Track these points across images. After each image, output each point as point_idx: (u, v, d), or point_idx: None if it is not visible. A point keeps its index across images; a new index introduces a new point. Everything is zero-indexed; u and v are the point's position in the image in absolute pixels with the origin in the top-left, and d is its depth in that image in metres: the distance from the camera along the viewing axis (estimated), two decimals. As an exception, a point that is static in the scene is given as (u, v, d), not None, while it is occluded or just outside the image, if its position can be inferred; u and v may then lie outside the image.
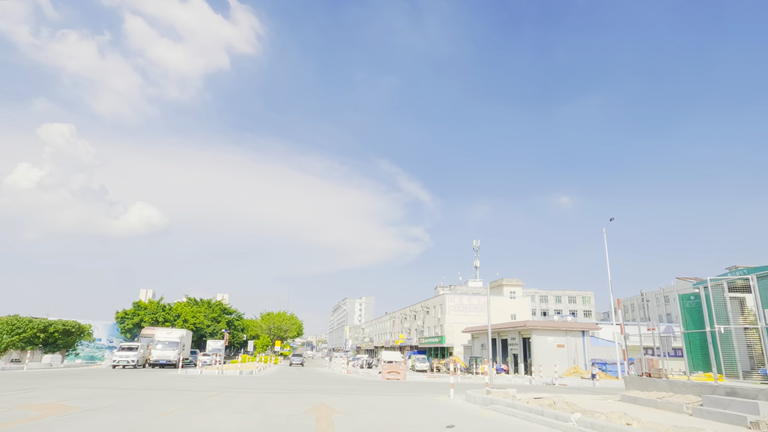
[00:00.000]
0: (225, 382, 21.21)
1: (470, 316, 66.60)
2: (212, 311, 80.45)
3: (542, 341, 47.45)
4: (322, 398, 14.03)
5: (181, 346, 36.58)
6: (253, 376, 27.90)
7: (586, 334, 48.66)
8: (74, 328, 46.49)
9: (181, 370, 29.91)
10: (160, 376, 25.28)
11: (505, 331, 52.40)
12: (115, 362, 34.31)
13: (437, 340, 67.84)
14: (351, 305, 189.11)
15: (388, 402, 13.45)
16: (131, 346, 35.42)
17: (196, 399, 12.93)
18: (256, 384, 19.99)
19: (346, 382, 23.64)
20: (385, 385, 22.83)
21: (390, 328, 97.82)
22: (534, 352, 46.59)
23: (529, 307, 68.14)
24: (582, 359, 48.00)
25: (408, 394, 16.77)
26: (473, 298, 68.03)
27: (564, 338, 48.07)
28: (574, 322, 51.20)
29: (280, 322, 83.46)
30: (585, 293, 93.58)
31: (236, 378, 24.56)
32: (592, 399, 16.24)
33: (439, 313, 69.37)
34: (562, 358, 47.40)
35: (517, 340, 50.25)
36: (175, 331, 37.95)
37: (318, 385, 21.16)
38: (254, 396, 14.10)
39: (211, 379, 22.86)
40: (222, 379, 23.59)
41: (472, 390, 15.44)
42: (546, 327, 48.13)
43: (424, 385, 24.70)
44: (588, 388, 28.85)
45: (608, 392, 22.26)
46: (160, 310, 63.67)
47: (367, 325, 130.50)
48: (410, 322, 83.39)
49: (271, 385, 19.91)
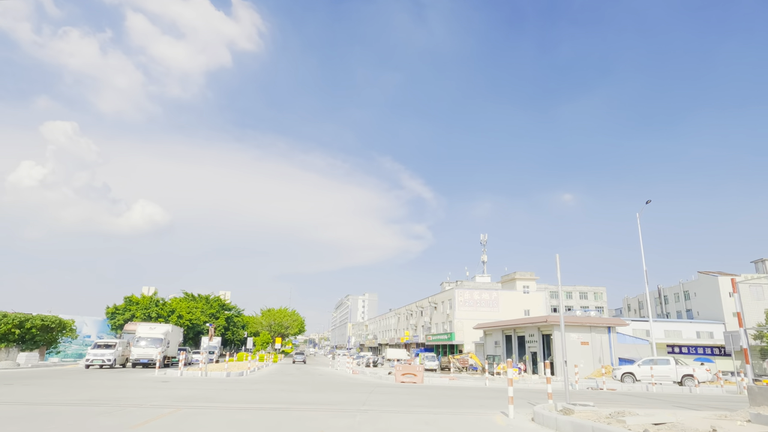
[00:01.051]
0: (200, 389, 16.30)
1: (481, 311, 61.66)
2: (210, 307, 75.67)
3: (565, 338, 42.59)
4: (324, 421, 9.16)
5: (165, 343, 31.78)
6: (242, 379, 23.02)
7: (612, 330, 43.68)
8: (54, 324, 41.67)
9: (158, 371, 25.01)
10: (126, 379, 20.47)
11: (522, 327, 47.49)
12: (88, 361, 29.50)
13: (446, 336, 62.92)
14: (354, 302, 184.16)
15: (424, 429, 8.55)
16: (108, 343, 30.63)
17: (128, 426, 8.05)
18: (237, 393, 15.08)
19: (354, 388, 18.71)
20: (403, 391, 17.89)
21: (395, 324, 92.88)
22: (556, 350, 41.73)
23: (543, 302, 63.12)
24: (608, 357, 43.03)
25: (443, 410, 11.86)
26: (484, 292, 63.07)
27: (588, 335, 43.15)
28: (598, 317, 46.20)
29: (281, 319, 78.61)
30: (597, 289, 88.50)
31: (218, 382, 19.65)
32: (702, 418, 11.45)
33: (448, 308, 64.42)
34: (587, 356, 42.51)
35: (536, 336, 45.32)
36: (159, 326, 33.10)
37: (318, 393, 16.24)
38: (220, 419, 9.17)
39: (185, 385, 17.96)
40: (200, 384, 18.69)
41: (541, 406, 10.56)
42: (569, 323, 43.19)
43: (448, 391, 19.81)
44: (641, 393, 23.93)
45: (675, 401, 17.30)
46: (153, 305, 58.82)
47: (371, 322, 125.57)
48: (416, 318, 78.47)
49: (258, 394, 15.00)
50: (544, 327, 44.27)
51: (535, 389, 23.58)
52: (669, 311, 72.58)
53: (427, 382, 23.94)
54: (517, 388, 23.16)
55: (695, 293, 66.92)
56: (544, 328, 44.51)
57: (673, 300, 72.18)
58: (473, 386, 23.55)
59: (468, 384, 24.35)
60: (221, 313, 77.20)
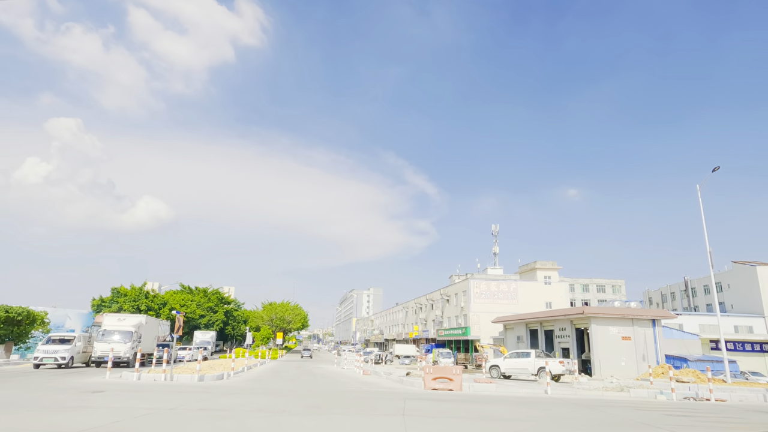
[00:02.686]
0: (129, 408, 9.94)
1: (499, 304, 55.07)
2: (209, 300, 69.41)
3: (604, 332, 36.04)
4: None
5: (135, 337, 25.46)
6: (216, 385, 16.58)
7: (657, 323, 37.05)
8: (21, 316, 35.44)
9: (110, 373, 18.52)
10: (44, 387, 14.10)
11: (551, 320, 40.94)
12: (37, 360, 23.11)
13: (460, 331, 56.36)
14: (359, 297, 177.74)
15: None
16: (64, 338, 24.29)
17: None
18: (184, 418, 8.68)
19: (375, 402, 12.25)
20: (451, 409, 11.42)
21: (402, 319, 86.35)
22: (595, 346, 35.25)
23: (567, 295, 56.44)
24: (653, 355, 36.40)
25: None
26: (502, 283, 56.44)
27: (630, 328, 36.53)
28: (641, 308, 39.54)
29: (283, 313, 72.14)
30: (615, 282, 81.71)
31: (175, 393, 13.20)
32: None
33: (462, 301, 57.85)
34: (629, 353, 35.92)
35: (568, 331, 38.75)
36: (130, 317, 26.73)
37: (320, 414, 9.89)
38: None
39: (117, 399, 11.58)
40: (144, 396, 12.26)
41: None
42: (608, 314, 36.61)
43: (509, 407, 13.37)
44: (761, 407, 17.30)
45: None
46: (142, 297, 52.53)
47: (377, 316, 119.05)
48: (426, 312, 71.92)
49: (215, 421, 8.55)
50: (579, 320, 37.74)
51: (612, 400, 17.05)
52: (697, 304, 65.81)
53: (466, 391, 17.32)
54: (588, 398, 16.67)
55: (729, 285, 60.13)
56: (577, 321, 37.98)
57: (702, 292, 65.39)
58: (533, 396, 16.99)
59: (523, 393, 17.75)
60: (220, 307, 70.98)
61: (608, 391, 20.86)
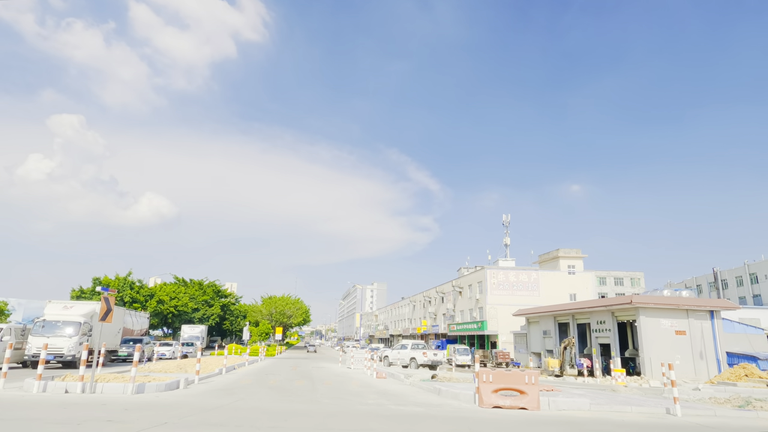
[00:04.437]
0: None
1: (518, 296, 48.85)
2: (204, 293, 63.29)
3: (654, 326, 29.82)
4: None
5: (86, 329, 19.39)
6: (153, 404, 10.37)
7: (716, 315, 30.75)
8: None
9: (4, 380, 12.34)
10: None
11: (586, 312, 34.62)
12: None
13: (475, 326, 50.15)
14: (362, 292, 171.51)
15: None
16: (-13, 331, 18.26)
17: None
18: None
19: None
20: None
21: (409, 314, 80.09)
22: (644, 342, 29.07)
23: (593, 286, 50.17)
24: (711, 351, 30.11)
25: None
26: (521, 273, 50.19)
27: (685, 321, 30.26)
28: (696, 298, 33.21)
29: (283, 307, 66.00)
30: (633, 274, 75.35)
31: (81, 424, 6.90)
32: None
33: (477, 292, 51.59)
34: (684, 350, 29.66)
35: (609, 324, 32.47)
36: (80, 304, 20.65)
37: None
38: None
39: None
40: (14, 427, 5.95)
41: None
42: (659, 305, 30.32)
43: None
44: None
45: None
46: (127, 288, 46.41)
47: (381, 311, 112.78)
48: (436, 306, 65.67)
49: None
50: (622, 311, 31.50)
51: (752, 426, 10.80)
52: (728, 297, 59.50)
53: (545, 413, 10.93)
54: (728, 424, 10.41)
55: (765, 276, 53.84)
56: (620, 314, 31.77)
57: (734, 284, 59.06)
58: (649, 423, 10.73)
59: (639, 417, 11.50)
60: (216, 301, 64.91)
61: (719, 404, 14.65)
